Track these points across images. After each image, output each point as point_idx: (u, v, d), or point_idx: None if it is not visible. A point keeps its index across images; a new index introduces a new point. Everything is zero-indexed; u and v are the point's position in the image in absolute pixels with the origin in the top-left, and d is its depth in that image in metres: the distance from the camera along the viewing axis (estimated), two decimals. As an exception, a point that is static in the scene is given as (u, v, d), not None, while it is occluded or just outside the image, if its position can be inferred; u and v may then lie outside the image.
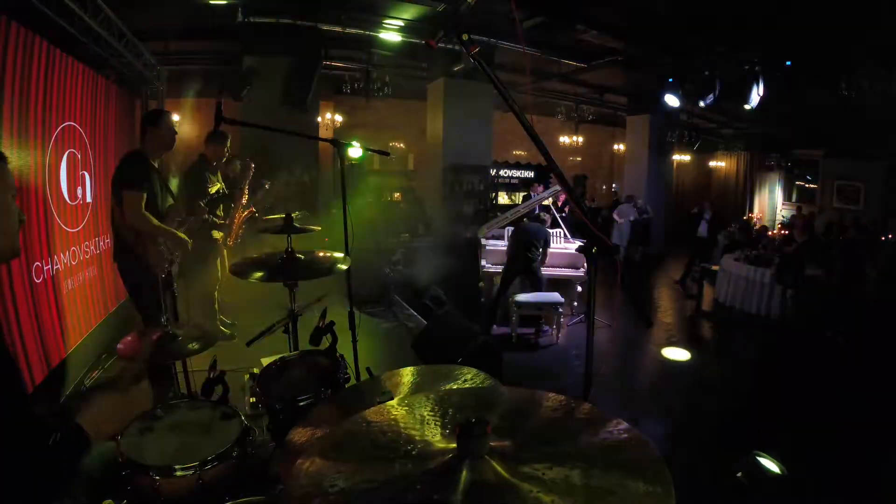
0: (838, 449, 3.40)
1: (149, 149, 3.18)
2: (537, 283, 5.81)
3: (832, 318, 5.84)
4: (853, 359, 5.08)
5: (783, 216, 13.57)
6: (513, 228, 5.89)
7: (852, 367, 4.87)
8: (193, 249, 3.31)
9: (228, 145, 4.61)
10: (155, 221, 3.01)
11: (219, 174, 4.56)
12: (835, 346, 5.61)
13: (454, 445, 0.80)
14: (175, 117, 5.45)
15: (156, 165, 3.21)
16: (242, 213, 4.57)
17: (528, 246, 5.66)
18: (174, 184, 4.35)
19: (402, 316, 6.00)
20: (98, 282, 4.39)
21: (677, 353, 5.56)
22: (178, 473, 1.61)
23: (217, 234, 4.31)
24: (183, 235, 3.19)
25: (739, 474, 2.37)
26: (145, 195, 2.97)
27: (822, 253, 6.50)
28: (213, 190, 4.37)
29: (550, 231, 6.03)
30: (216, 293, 4.47)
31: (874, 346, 5.01)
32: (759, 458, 2.39)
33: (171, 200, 3.30)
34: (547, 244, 5.78)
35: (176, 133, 3.30)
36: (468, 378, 1.63)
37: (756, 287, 7.04)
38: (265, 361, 2.34)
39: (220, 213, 4.39)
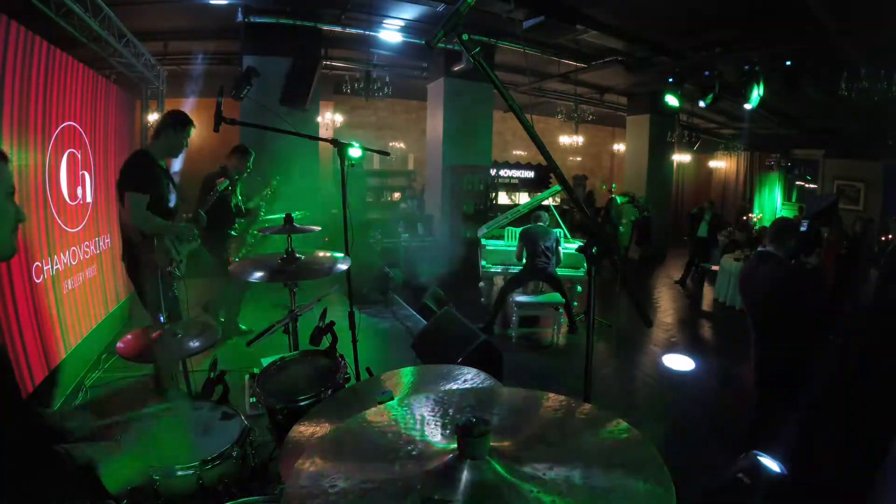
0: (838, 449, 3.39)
1: (157, 149, 3.10)
2: (557, 285, 5.78)
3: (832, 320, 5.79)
4: (852, 360, 5.06)
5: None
6: (520, 232, 5.85)
7: (851, 368, 4.85)
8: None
9: (251, 162, 4.62)
10: (159, 221, 2.95)
11: (238, 188, 4.60)
12: (834, 347, 5.58)
13: (454, 445, 0.80)
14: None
15: (163, 166, 3.15)
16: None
17: (540, 250, 5.61)
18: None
19: (402, 316, 5.99)
20: (98, 282, 4.39)
21: (679, 362, 5.51)
22: (179, 474, 1.61)
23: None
24: (187, 228, 3.16)
25: (740, 474, 2.36)
26: (149, 197, 2.90)
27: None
28: (233, 202, 4.50)
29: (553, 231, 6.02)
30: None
31: (874, 348, 4.99)
32: (759, 458, 2.38)
33: (178, 203, 3.24)
34: (558, 243, 5.76)
35: (187, 146, 3.21)
36: (468, 378, 1.63)
37: (756, 287, 7.03)
38: (265, 361, 2.34)
39: (235, 227, 4.57)
